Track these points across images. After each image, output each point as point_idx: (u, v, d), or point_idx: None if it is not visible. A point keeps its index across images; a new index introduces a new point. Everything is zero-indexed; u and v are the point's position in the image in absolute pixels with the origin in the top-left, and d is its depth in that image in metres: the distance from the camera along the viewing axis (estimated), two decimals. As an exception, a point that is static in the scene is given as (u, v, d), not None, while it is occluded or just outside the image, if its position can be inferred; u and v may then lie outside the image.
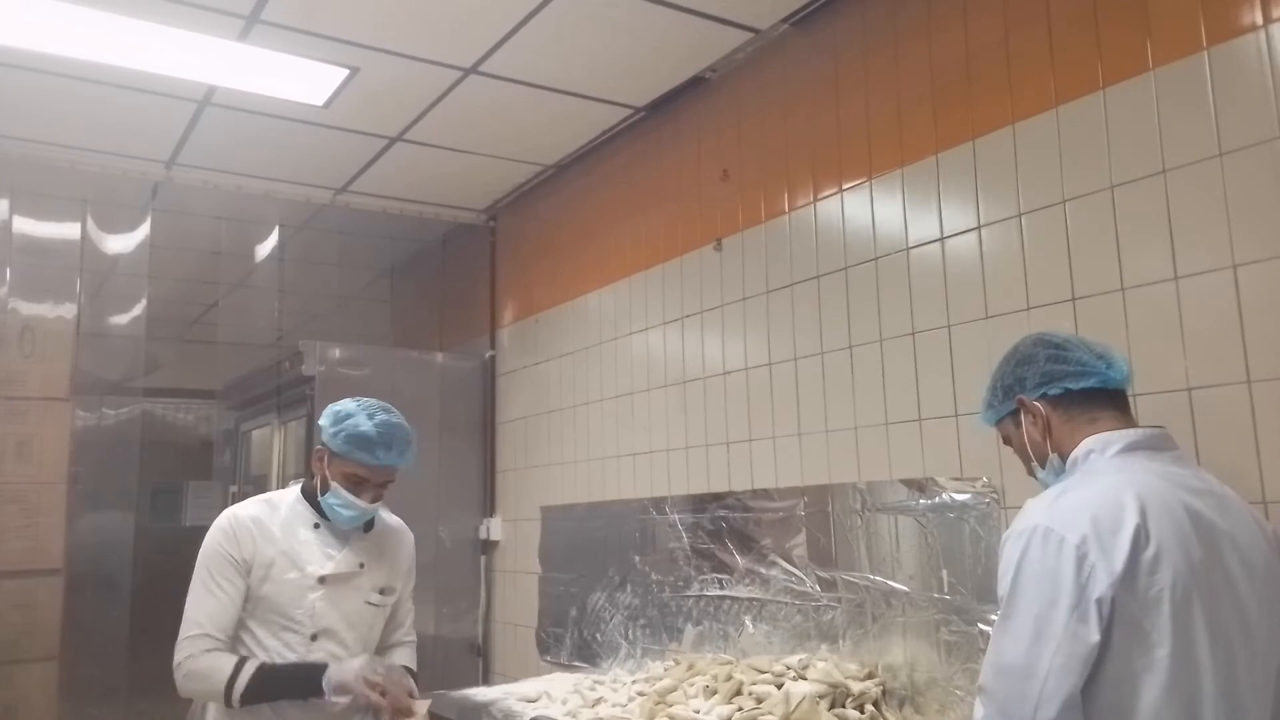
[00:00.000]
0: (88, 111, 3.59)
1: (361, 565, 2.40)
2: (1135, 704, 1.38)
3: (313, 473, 2.42)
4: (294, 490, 2.46)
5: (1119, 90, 2.16)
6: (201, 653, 2.22)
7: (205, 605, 2.25)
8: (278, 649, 2.29)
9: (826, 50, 2.96)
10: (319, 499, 2.38)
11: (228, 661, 2.22)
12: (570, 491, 4.02)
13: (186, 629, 2.25)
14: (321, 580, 2.33)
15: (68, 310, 3.98)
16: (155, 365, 5.24)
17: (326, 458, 2.36)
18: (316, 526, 2.38)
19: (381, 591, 2.45)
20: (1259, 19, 1.93)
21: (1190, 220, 2.01)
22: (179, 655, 2.23)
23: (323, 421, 2.38)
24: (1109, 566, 1.39)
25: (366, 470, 2.32)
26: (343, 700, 2.21)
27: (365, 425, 2.31)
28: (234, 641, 2.28)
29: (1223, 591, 1.44)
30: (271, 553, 2.31)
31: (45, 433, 3.82)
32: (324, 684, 2.20)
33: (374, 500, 2.38)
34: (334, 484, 2.34)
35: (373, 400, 2.42)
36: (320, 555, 2.36)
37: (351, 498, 2.33)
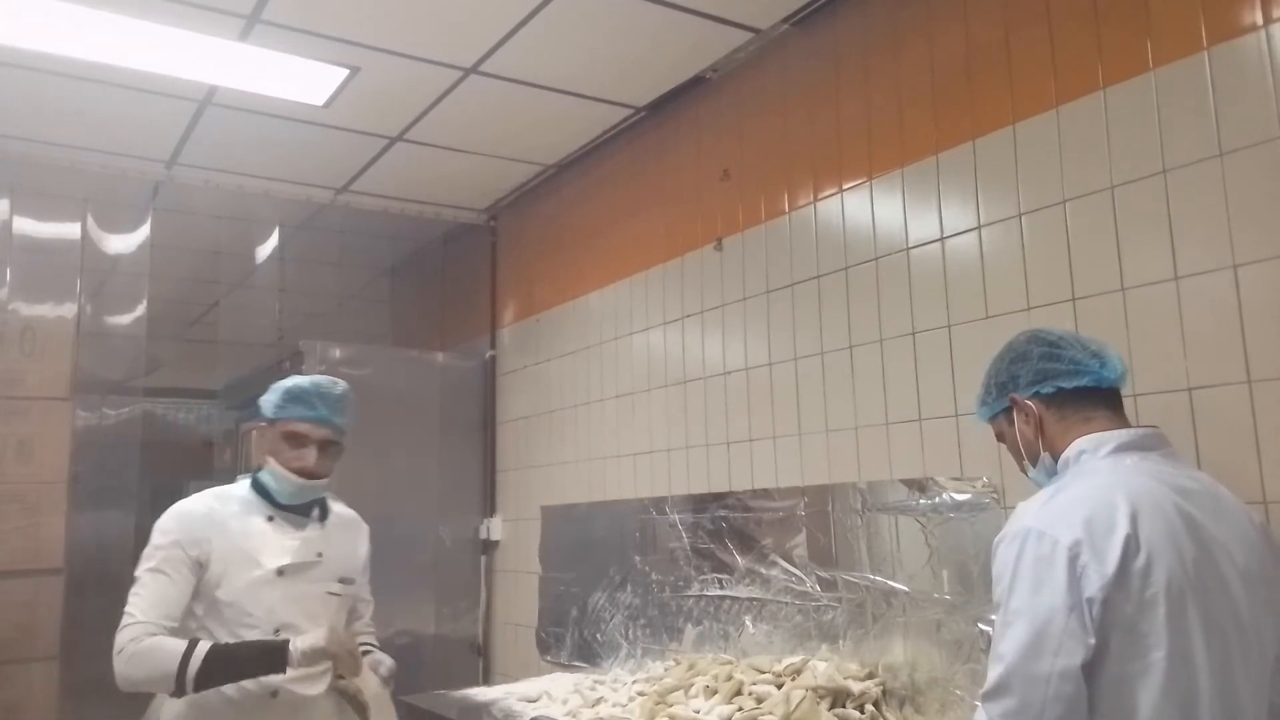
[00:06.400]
0: (88, 111, 3.59)
1: (320, 555, 2.34)
2: (1134, 707, 1.38)
3: (257, 460, 2.40)
4: (244, 484, 2.39)
5: (1119, 90, 2.16)
6: (146, 636, 2.05)
7: (151, 593, 2.11)
8: None
9: (826, 50, 2.96)
10: (258, 477, 2.34)
11: (177, 644, 2.05)
12: (570, 491, 4.02)
13: (128, 618, 2.08)
14: (280, 572, 2.25)
15: (68, 310, 3.97)
16: (156, 365, 5.25)
17: (265, 429, 2.36)
18: (271, 519, 2.31)
19: (341, 581, 2.38)
20: (1259, 19, 1.93)
21: (1190, 220, 2.01)
22: (120, 641, 2.05)
23: (261, 400, 2.39)
24: (1101, 569, 1.39)
25: (306, 426, 2.29)
26: (312, 670, 2.13)
27: (303, 381, 2.35)
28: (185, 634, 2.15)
29: (1216, 590, 1.44)
30: (226, 547, 2.21)
31: (45, 432, 3.81)
32: (290, 652, 2.07)
33: (316, 467, 2.31)
34: (269, 459, 2.31)
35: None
36: (277, 547, 2.28)
37: (286, 472, 2.28)
